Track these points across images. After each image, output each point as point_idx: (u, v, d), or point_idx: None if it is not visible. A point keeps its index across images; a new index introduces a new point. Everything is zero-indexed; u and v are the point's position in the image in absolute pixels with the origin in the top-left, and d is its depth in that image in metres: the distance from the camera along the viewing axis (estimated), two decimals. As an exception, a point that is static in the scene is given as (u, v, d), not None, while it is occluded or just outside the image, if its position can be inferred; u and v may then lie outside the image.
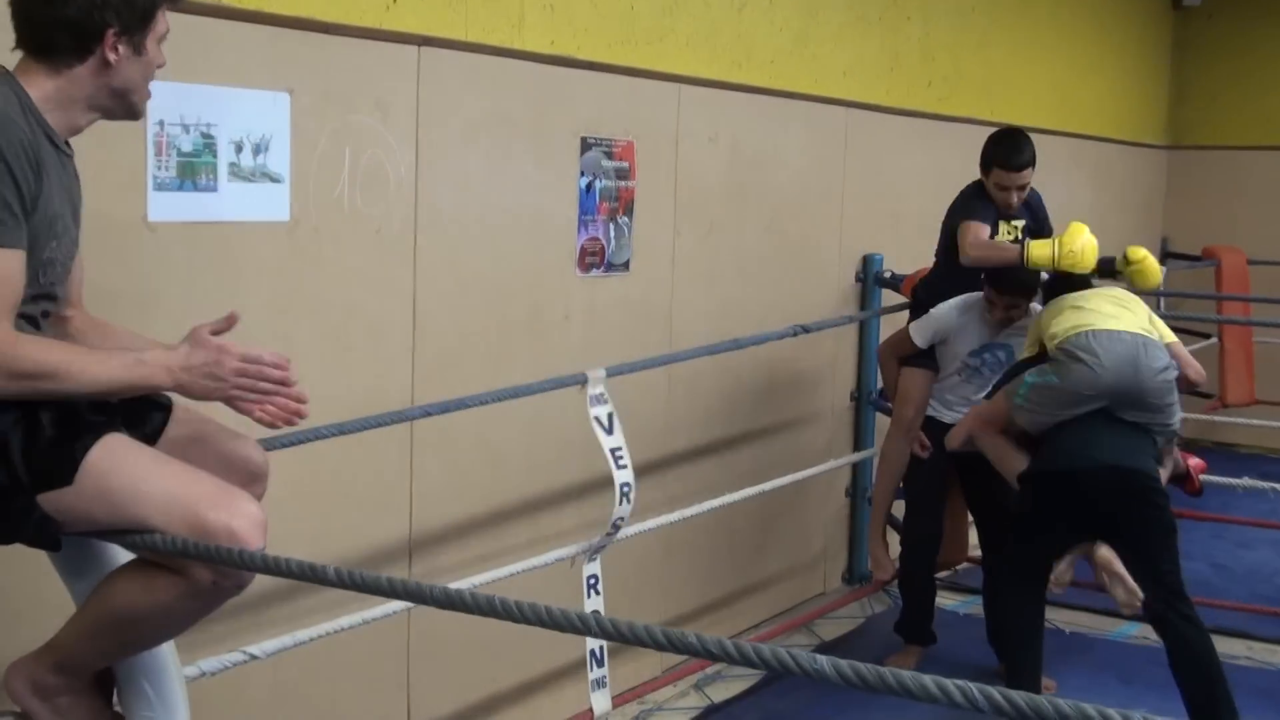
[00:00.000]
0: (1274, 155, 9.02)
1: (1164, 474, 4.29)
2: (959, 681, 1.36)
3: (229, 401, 2.18)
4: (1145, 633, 5.35)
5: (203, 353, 2.14)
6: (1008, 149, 4.75)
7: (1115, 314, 4.23)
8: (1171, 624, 4.12)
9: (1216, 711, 4.06)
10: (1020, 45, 7.10)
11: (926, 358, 4.84)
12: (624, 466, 3.76)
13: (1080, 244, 4.49)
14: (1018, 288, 4.60)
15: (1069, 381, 4.11)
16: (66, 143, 2.23)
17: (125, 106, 2.28)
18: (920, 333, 4.83)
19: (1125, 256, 4.72)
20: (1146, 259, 4.67)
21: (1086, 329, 4.15)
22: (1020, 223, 4.87)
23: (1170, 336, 4.33)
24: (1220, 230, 8.99)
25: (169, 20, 2.30)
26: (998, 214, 4.81)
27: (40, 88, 2.17)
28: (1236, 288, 8.46)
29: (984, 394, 4.75)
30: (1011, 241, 4.81)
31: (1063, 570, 4.25)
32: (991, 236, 4.74)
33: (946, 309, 4.77)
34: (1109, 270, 4.73)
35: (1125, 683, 4.88)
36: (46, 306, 2.24)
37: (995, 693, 1.32)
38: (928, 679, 1.37)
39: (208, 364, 2.14)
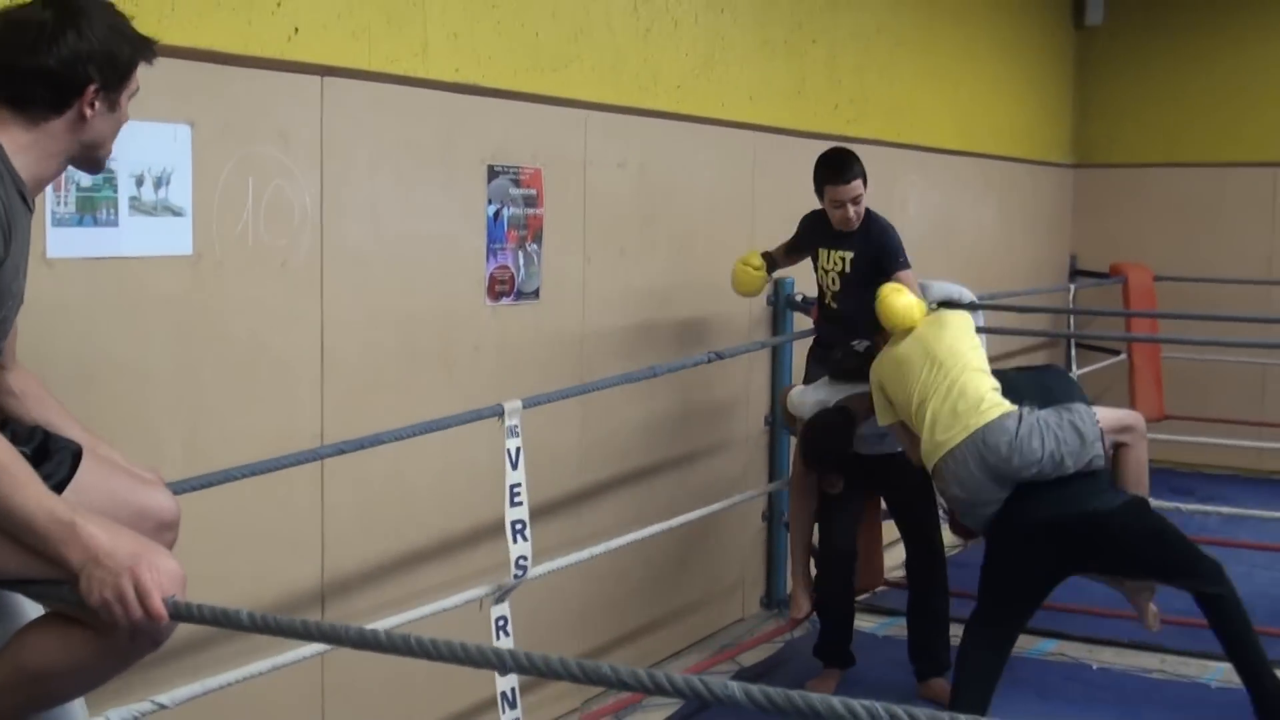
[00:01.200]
0: (1177, 171, 9.29)
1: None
2: (865, 702, 1.41)
3: (88, 596, 2.00)
4: (1062, 649, 5.49)
5: (124, 560, 1.99)
6: (834, 165, 4.88)
7: (968, 406, 4.29)
8: (1210, 605, 4.29)
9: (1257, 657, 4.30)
10: (925, 67, 7.26)
11: None
12: (519, 504, 3.80)
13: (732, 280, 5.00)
14: (819, 465, 4.85)
15: (959, 508, 4.42)
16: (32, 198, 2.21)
17: (90, 160, 2.29)
18: (794, 408, 5.05)
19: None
20: (882, 301, 4.67)
21: (941, 461, 4.30)
22: (848, 254, 4.92)
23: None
24: (1127, 247, 9.24)
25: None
26: (821, 240, 4.96)
27: (15, 139, 2.15)
28: (1144, 304, 8.69)
29: (893, 445, 4.89)
30: (840, 274, 4.94)
31: (1151, 615, 4.49)
32: (815, 266, 5.02)
33: (800, 401, 4.96)
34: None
35: (1043, 698, 4.98)
36: None
37: (900, 711, 1.37)
38: (836, 701, 1.42)
39: (118, 571, 1.98)
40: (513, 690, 3.80)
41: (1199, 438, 8.22)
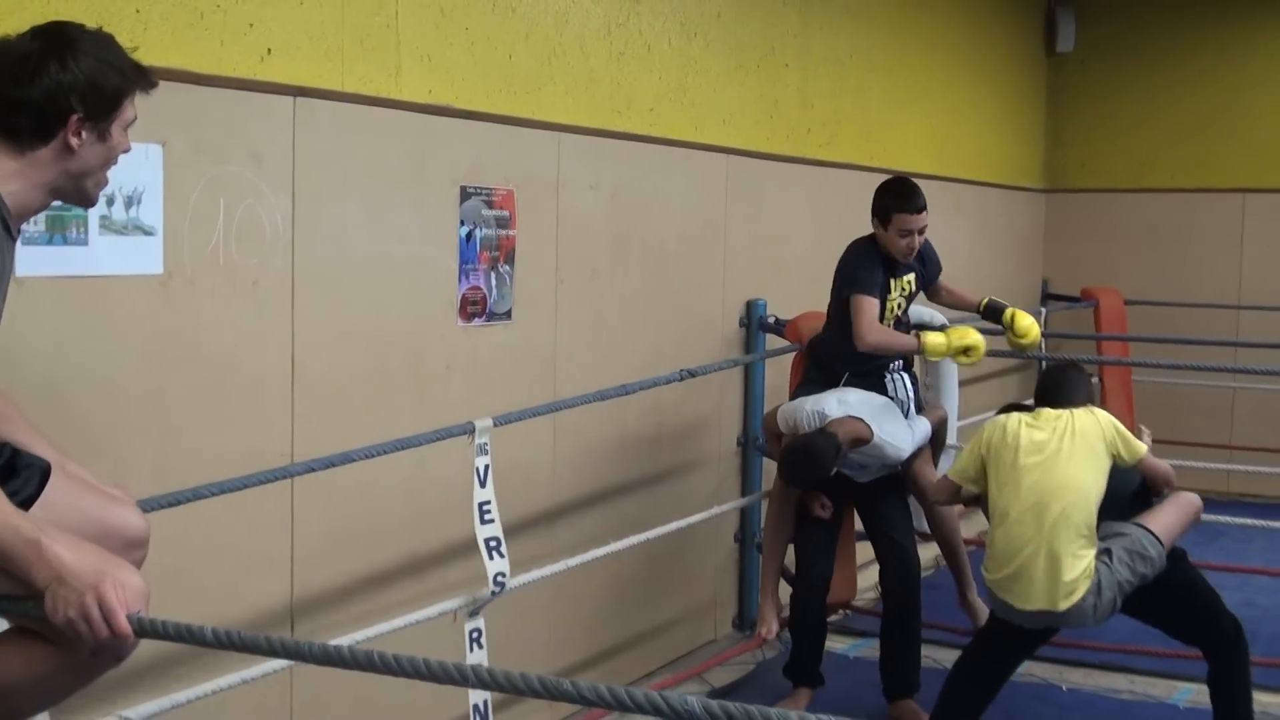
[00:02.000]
0: (1147, 197, 9.38)
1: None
2: (823, 716, 1.43)
3: (53, 614, 1.99)
4: (1031, 671, 5.50)
5: (89, 578, 1.99)
6: (906, 193, 4.92)
7: (1041, 542, 4.21)
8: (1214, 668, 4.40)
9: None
10: (898, 92, 7.32)
11: None
12: (490, 521, 3.80)
13: (970, 342, 4.82)
14: (794, 483, 4.85)
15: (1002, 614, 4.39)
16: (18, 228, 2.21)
17: (80, 192, 2.28)
18: (782, 421, 4.96)
19: (1014, 329, 4.97)
20: (1029, 335, 4.95)
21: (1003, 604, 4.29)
22: (910, 276, 5.01)
23: (1139, 450, 4.38)
24: (1098, 271, 9.31)
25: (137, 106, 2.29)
26: (887, 271, 4.93)
27: (2, 167, 2.16)
28: (1114, 327, 8.75)
29: (871, 476, 4.93)
30: (907, 296, 4.99)
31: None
32: (883, 299, 4.89)
33: (795, 408, 4.87)
34: (994, 318, 5.00)
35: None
36: None
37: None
38: (794, 714, 1.43)
39: (82, 590, 1.98)
40: (485, 704, 3.80)
41: (1168, 460, 8.22)
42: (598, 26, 4.91)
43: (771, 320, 5.90)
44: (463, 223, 4.32)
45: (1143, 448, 4.36)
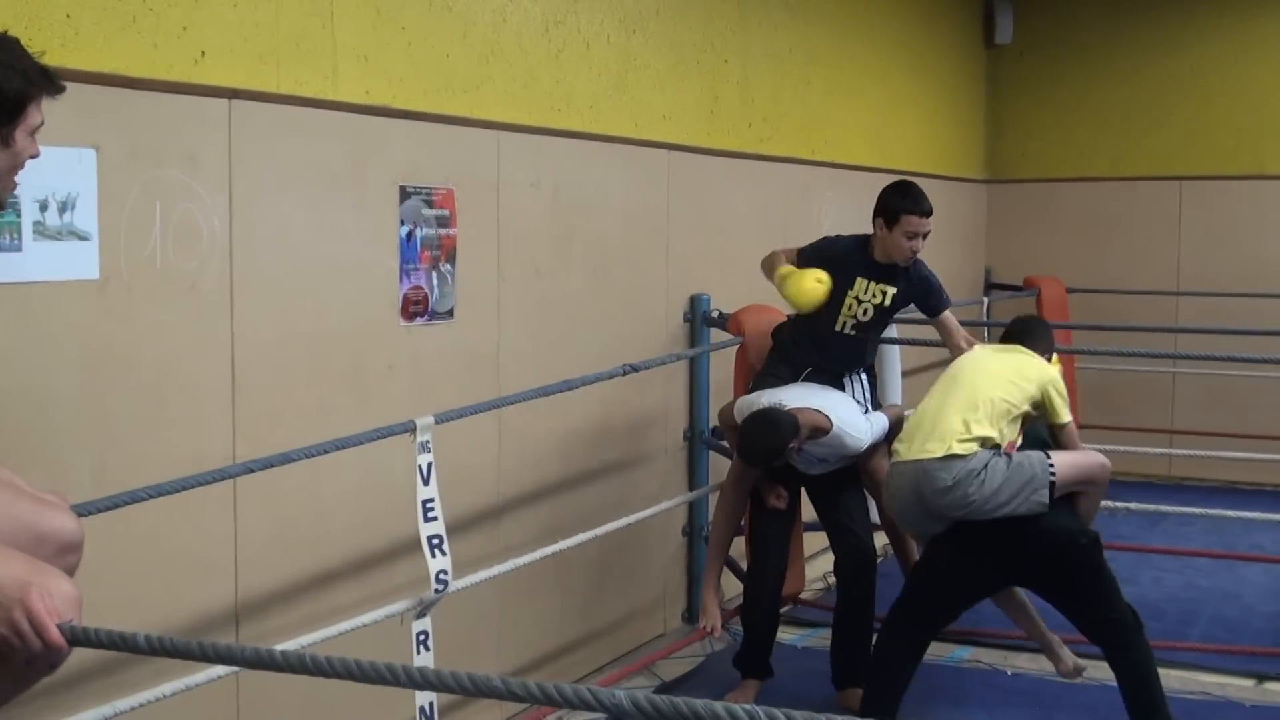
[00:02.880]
0: (1086, 186, 9.49)
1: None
2: (748, 706, 1.45)
3: None
4: (977, 656, 5.58)
5: (14, 591, 1.96)
6: (915, 195, 4.93)
7: (928, 427, 4.36)
8: (1117, 663, 4.37)
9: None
10: (839, 85, 7.37)
11: None
12: (433, 519, 3.80)
13: (792, 288, 4.85)
14: (750, 457, 4.78)
15: (897, 512, 4.50)
16: None
17: None
18: (739, 414, 4.96)
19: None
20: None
21: (891, 466, 4.45)
22: (892, 292, 4.98)
23: (1061, 417, 4.47)
24: (1040, 261, 9.42)
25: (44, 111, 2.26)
26: (861, 271, 4.95)
27: None
28: (1057, 316, 8.84)
29: (819, 470, 4.95)
30: (876, 309, 4.99)
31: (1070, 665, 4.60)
32: (841, 294, 4.93)
33: (752, 402, 4.86)
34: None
35: (957, 706, 5.06)
36: None
37: (779, 714, 1.41)
38: (719, 706, 1.45)
39: (9, 604, 1.95)
40: (430, 705, 3.81)
41: (1111, 446, 8.31)
42: (536, 24, 4.92)
43: (715, 315, 5.92)
44: (403, 222, 4.32)
45: (1067, 416, 4.45)
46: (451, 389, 4.50)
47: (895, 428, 5.04)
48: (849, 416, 4.82)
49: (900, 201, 4.91)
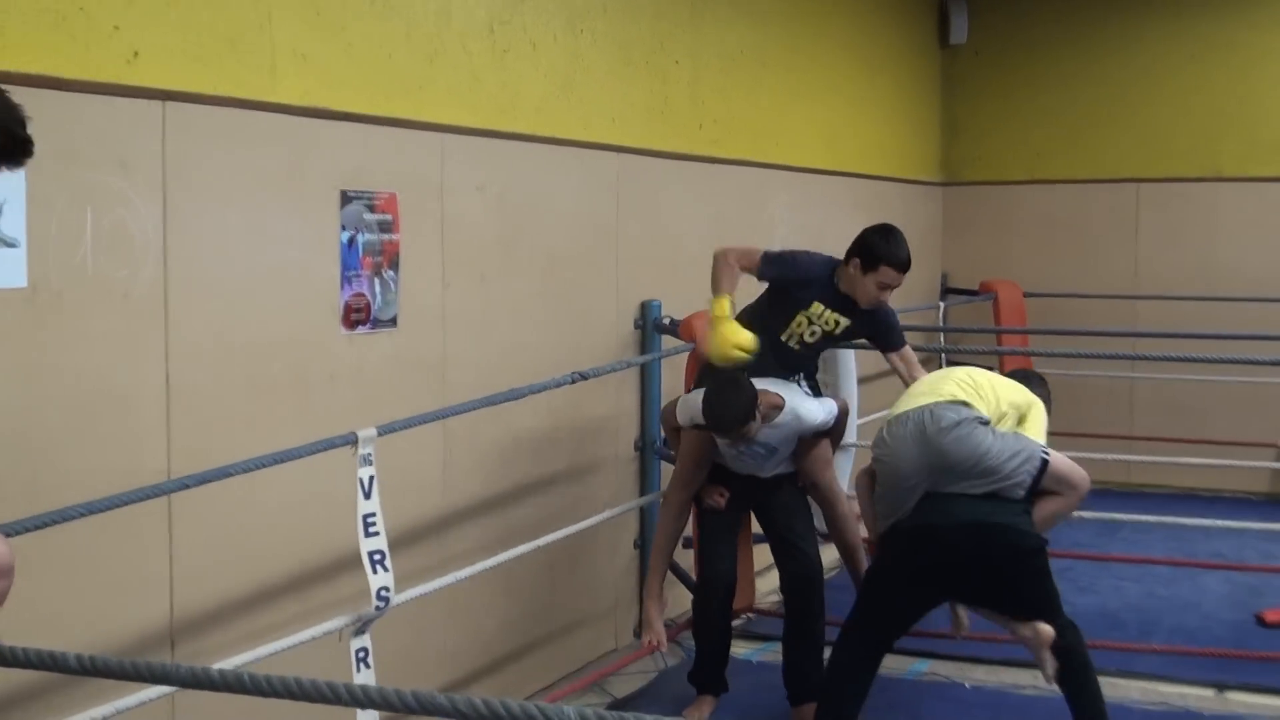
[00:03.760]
0: (1042, 189, 9.59)
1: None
2: (698, 722, 1.45)
3: None
4: (935, 670, 5.62)
5: None
6: (897, 246, 4.87)
7: (926, 390, 4.48)
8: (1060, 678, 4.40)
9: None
10: (791, 87, 7.41)
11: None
12: (375, 534, 3.79)
13: (716, 342, 4.75)
14: (720, 422, 4.71)
15: (881, 478, 4.48)
16: None
17: None
18: (682, 412, 4.98)
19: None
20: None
21: (884, 425, 4.49)
22: (847, 324, 4.99)
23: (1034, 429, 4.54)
24: (996, 264, 9.51)
25: None
26: (821, 298, 4.94)
27: None
28: (1014, 320, 8.94)
29: (771, 469, 4.97)
30: (825, 334, 4.98)
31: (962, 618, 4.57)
32: (790, 315, 4.92)
33: (696, 403, 4.82)
34: None
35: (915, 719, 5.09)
36: None
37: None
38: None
39: None
40: (374, 723, 3.80)
41: (1070, 452, 8.38)
42: (481, 24, 4.92)
43: (667, 321, 5.94)
44: (344, 228, 4.31)
45: (1043, 440, 4.52)
46: (395, 399, 4.49)
47: (842, 419, 5.07)
48: (799, 397, 4.89)
49: (884, 249, 4.86)
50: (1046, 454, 4.38)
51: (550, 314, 5.37)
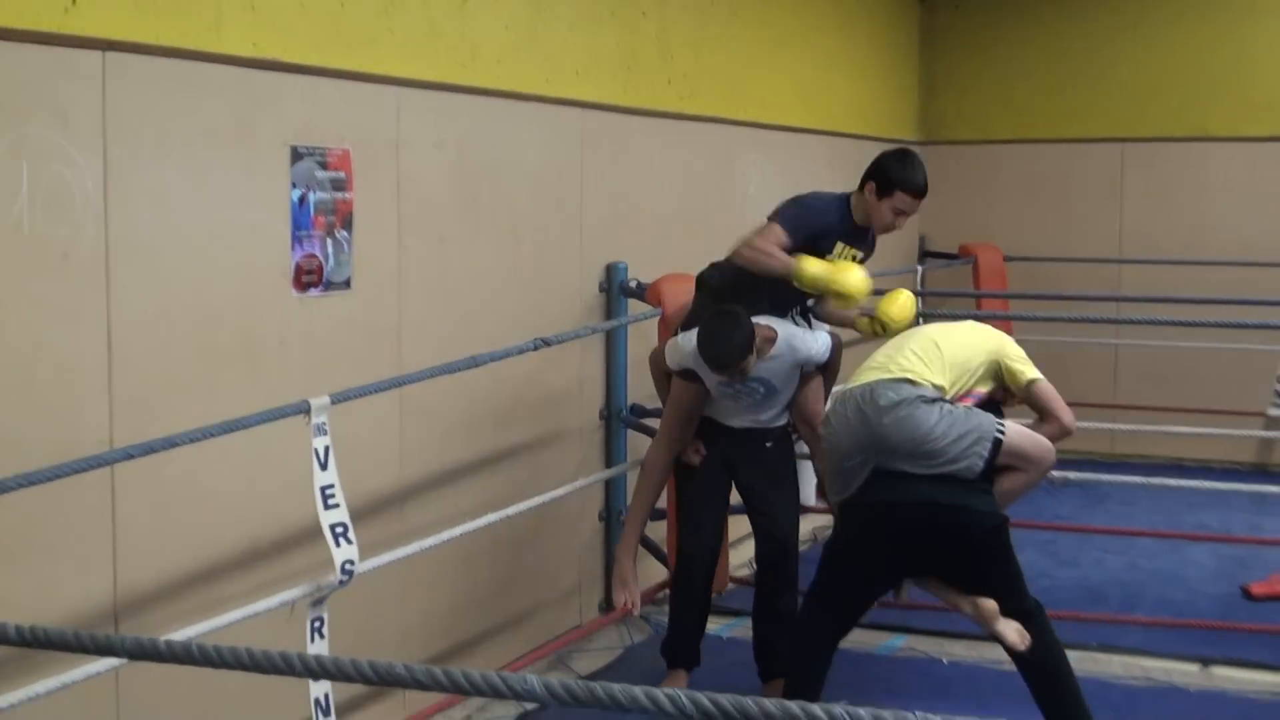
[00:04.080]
0: (1024, 148, 9.62)
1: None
2: (668, 690, 1.46)
3: None
4: (911, 645, 5.66)
5: None
6: (914, 171, 4.91)
7: (880, 362, 4.46)
8: (1020, 659, 4.42)
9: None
10: (764, 40, 7.40)
11: (691, 370, 4.92)
12: (334, 506, 3.79)
13: (849, 279, 4.77)
14: (718, 359, 4.70)
15: (828, 456, 4.49)
16: None
17: None
18: (671, 356, 4.97)
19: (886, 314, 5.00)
20: (898, 323, 4.94)
21: (833, 399, 4.48)
22: (859, 254, 5.04)
23: (1024, 374, 4.53)
24: (976, 227, 9.53)
25: None
26: (843, 236, 4.97)
27: None
28: (994, 285, 8.98)
29: (769, 411, 4.97)
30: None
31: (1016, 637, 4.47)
32: (821, 255, 4.88)
33: (689, 344, 4.83)
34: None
35: (892, 696, 5.13)
36: None
37: (704, 698, 1.43)
38: (638, 690, 1.47)
39: None
40: (326, 697, 3.80)
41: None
42: (438, -28, 4.89)
43: (633, 284, 5.94)
44: (295, 186, 4.28)
45: (1033, 372, 4.56)
46: (349, 366, 4.48)
47: (836, 352, 5.06)
48: (791, 329, 4.91)
49: (900, 174, 4.89)
50: (1001, 431, 4.35)
51: (511, 277, 5.36)
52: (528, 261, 5.47)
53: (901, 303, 5.02)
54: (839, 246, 4.98)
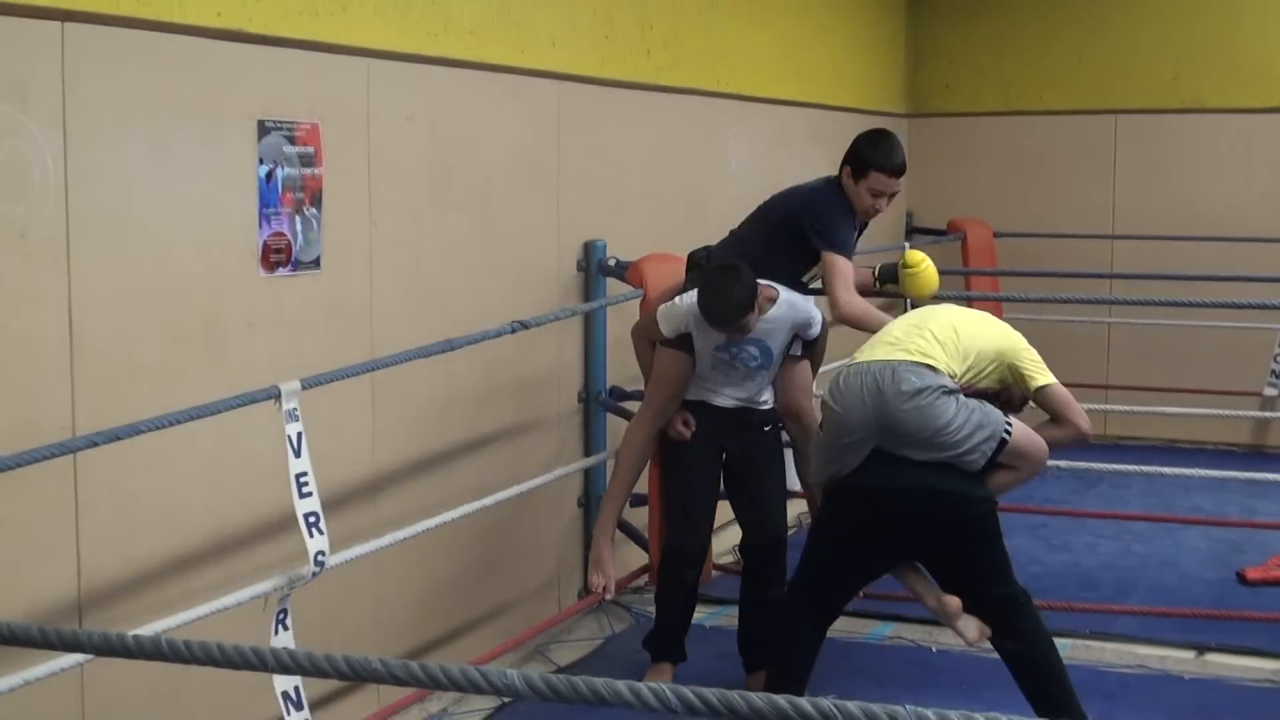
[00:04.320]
0: (1014, 120, 9.62)
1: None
2: (652, 684, 1.46)
3: None
4: (900, 633, 5.68)
5: None
6: (889, 151, 4.95)
7: (899, 337, 4.44)
8: (1005, 648, 4.42)
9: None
10: (747, 9, 7.38)
11: (683, 338, 4.93)
12: (308, 494, 3.78)
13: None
14: (720, 315, 4.70)
15: (825, 425, 4.43)
16: None
17: None
18: (665, 322, 4.94)
19: (904, 261, 5.09)
20: (923, 265, 5.07)
21: (843, 370, 4.43)
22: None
23: (1035, 380, 4.48)
24: (965, 202, 9.54)
25: None
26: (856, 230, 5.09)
27: None
28: (983, 262, 8.99)
29: (758, 384, 4.97)
30: None
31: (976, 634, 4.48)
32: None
33: (688, 305, 4.85)
34: (891, 277, 5.15)
35: (881, 685, 5.15)
36: None
37: (688, 692, 1.43)
38: (621, 685, 1.47)
39: None
40: (296, 690, 3.80)
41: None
42: (409, -61, 4.87)
43: (613, 263, 5.93)
44: (262, 161, 4.26)
45: (1047, 377, 4.51)
46: (319, 349, 4.47)
47: (823, 334, 5.07)
48: (788, 291, 4.91)
49: (871, 155, 4.94)
50: (1009, 431, 4.38)
51: (486, 256, 5.35)
52: (503, 240, 5.45)
53: (925, 278, 5.19)
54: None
